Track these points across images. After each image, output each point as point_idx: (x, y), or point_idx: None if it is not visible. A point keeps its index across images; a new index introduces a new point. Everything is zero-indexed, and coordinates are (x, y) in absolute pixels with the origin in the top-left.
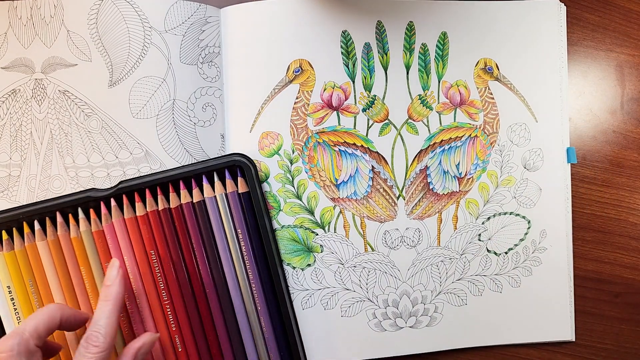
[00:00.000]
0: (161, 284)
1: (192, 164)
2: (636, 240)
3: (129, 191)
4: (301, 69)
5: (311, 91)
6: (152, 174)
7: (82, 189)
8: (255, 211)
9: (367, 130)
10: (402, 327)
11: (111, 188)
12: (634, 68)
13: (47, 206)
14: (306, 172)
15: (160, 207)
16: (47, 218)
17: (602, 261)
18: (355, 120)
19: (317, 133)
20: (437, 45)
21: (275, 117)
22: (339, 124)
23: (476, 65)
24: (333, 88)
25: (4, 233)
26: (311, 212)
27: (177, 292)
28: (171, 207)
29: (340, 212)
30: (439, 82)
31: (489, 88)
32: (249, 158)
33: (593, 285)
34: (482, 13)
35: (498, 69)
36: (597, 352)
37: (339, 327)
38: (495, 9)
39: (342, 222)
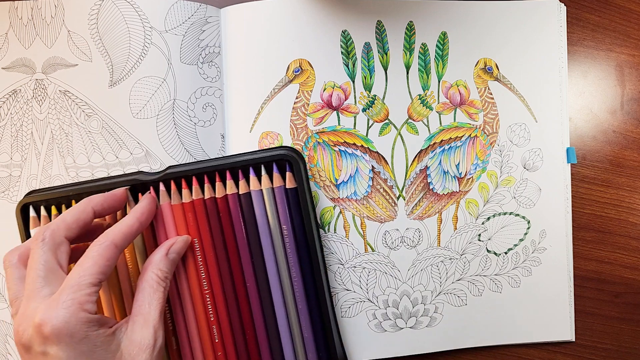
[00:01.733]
0: (202, 272)
1: (240, 154)
2: (636, 240)
3: (176, 177)
4: (301, 68)
5: (311, 91)
6: (199, 161)
7: (131, 172)
8: (301, 208)
9: (367, 130)
10: (402, 328)
11: (158, 172)
12: (634, 68)
13: (94, 186)
14: None
15: (207, 196)
16: None
17: (602, 261)
18: (355, 120)
19: (317, 133)
20: (437, 45)
21: (275, 117)
22: (339, 124)
23: (476, 65)
24: (333, 88)
25: (42, 209)
26: None
27: (217, 282)
28: (217, 196)
29: (340, 212)
30: (439, 82)
31: (488, 88)
32: (299, 153)
33: (593, 285)
34: (482, 13)
35: (498, 69)
36: (597, 352)
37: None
38: (495, 9)
39: (342, 223)
